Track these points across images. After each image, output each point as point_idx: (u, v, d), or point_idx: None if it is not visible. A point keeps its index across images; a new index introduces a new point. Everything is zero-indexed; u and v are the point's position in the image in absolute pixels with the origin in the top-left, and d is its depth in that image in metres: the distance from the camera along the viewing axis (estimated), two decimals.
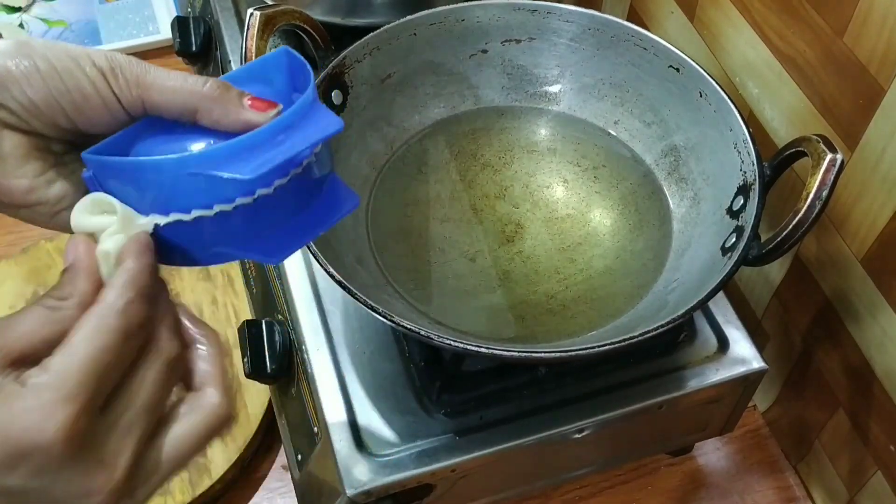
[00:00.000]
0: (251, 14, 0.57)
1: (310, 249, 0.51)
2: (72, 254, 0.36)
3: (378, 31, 0.63)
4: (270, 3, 0.70)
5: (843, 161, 0.49)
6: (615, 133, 0.67)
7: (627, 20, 0.65)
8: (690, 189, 0.63)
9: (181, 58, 0.86)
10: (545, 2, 0.66)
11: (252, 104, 0.38)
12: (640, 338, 0.49)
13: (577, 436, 0.58)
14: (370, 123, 0.65)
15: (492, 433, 0.56)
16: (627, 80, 0.66)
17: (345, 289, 0.49)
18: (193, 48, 0.84)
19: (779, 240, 0.50)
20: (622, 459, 0.70)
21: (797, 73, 0.61)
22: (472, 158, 0.67)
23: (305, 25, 0.60)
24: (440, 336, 0.48)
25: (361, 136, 0.64)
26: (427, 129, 0.68)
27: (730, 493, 0.73)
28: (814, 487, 0.73)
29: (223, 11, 0.82)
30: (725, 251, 0.55)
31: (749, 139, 0.57)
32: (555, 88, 0.69)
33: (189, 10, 0.90)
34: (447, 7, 0.65)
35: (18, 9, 1.07)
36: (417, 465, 0.55)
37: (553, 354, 0.53)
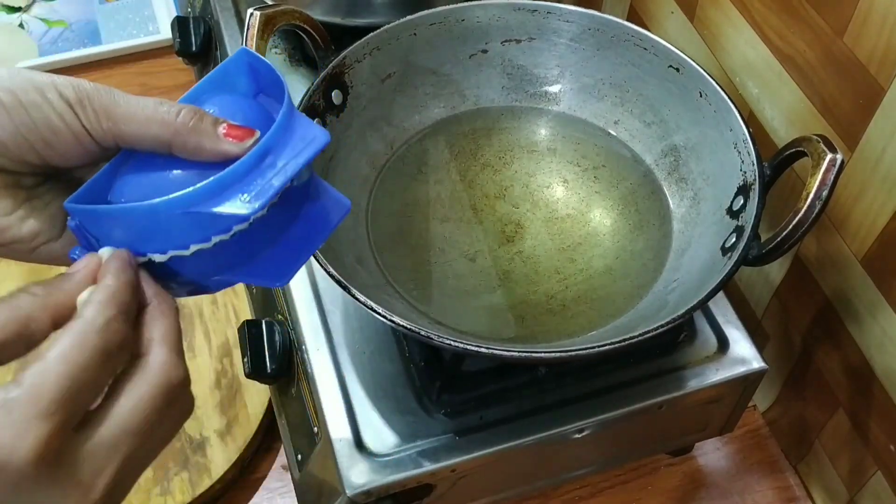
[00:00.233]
0: (251, 14, 0.57)
1: None
2: (77, 266, 0.36)
3: (378, 31, 0.63)
4: (270, 3, 0.70)
5: (843, 161, 0.49)
6: (615, 133, 0.67)
7: (627, 20, 0.65)
8: (690, 189, 0.63)
9: (181, 58, 0.86)
10: (545, 2, 0.66)
11: (227, 133, 0.36)
12: (640, 338, 0.49)
13: (577, 436, 0.58)
14: (370, 123, 0.65)
15: (492, 433, 0.56)
16: (627, 80, 0.66)
17: (345, 289, 0.49)
18: (193, 48, 0.84)
19: (779, 240, 0.50)
20: (622, 459, 0.70)
21: (797, 73, 0.61)
22: (472, 158, 0.67)
23: (305, 25, 0.60)
24: (440, 336, 0.48)
25: (361, 136, 0.64)
26: (427, 129, 0.68)
27: (730, 493, 0.73)
28: (814, 487, 0.73)
29: (223, 11, 0.82)
30: (725, 251, 0.55)
31: (749, 139, 0.57)
32: (555, 88, 0.69)
33: (189, 10, 0.90)
34: (447, 7, 0.65)
35: (18, 9, 1.06)
36: (417, 465, 0.55)
37: (553, 354, 0.53)
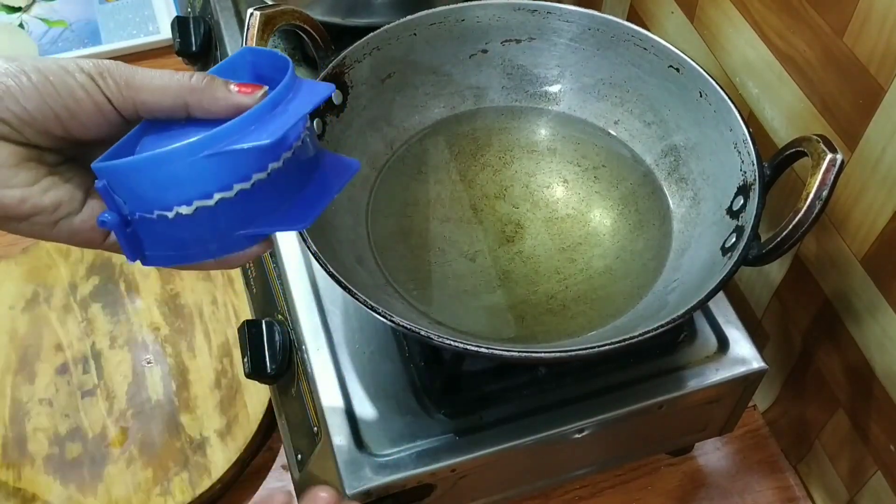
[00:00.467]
0: (251, 14, 0.57)
1: (310, 249, 0.51)
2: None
3: (378, 31, 0.63)
4: (270, 3, 0.70)
5: (843, 161, 0.49)
6: (615, 133, 0.67)
7: (627, 20, 0.65)
8: (690, 189, 0.63)
9: (181, 58, 0.86)
10: (545, 2, 0.66)
11: (239, 89, 0.39)
12: (640, 338, 0.49)
13: (577, 436, 0.58)
14: (370, 123, 0.65)
15: (492, 433, 0.56)
16: (627, 80, 0.66)
17: (345, 289, 0.49)
18: (193, 48, 0.84)
19: (779, 240, 0.50)
20: (622, 459, 0.70)
21: (797, 73, 0.61)
22: (472, 158, 0.67)
23: (305, 25, 0.60)
24: (440, 336, 0.48)
25: (361, 136, 0.64)
26: (427, 129, 0.68)
27: (730, 493, 0.73)
28: (814, 487, 0.73)
29: (223, 11, 0.82)
30: (725, 251, 0.55)
31: (749, 139, 0.57)
32: (555, 88, 0.69)
33: (189, 10, 0.90)
34: (447, 7, 0.65)
35: (18, 9, 1.06)
36: (417, 465, 0.55)
37: (553, 354, 0.53)
